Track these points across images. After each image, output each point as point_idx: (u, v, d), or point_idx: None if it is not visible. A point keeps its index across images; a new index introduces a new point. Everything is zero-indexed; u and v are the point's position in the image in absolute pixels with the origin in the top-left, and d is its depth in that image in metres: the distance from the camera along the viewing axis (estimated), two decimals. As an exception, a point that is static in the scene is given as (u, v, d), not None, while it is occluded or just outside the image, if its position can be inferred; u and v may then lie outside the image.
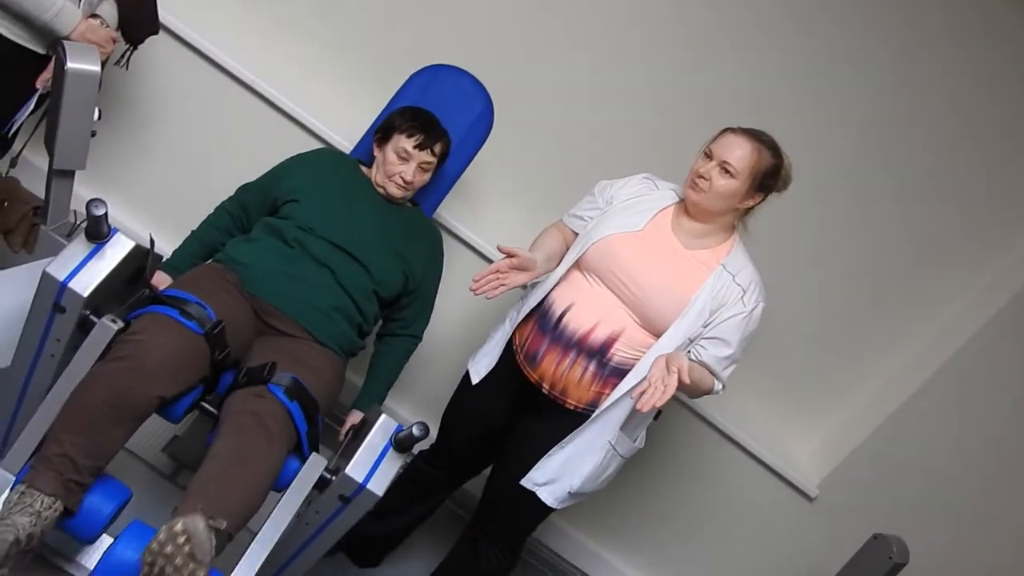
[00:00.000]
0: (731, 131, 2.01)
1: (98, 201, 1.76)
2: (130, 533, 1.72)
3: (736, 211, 2.02)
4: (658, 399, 1.78)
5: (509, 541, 2.29)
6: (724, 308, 1.99)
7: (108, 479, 1.83)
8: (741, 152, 1.96)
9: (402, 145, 2.27)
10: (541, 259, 2.05)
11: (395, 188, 2.30)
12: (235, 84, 2.69)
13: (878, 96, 2.64)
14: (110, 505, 1.80)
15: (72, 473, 1.72)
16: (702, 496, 3.03)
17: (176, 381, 1.85)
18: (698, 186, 1.99)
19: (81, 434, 1.74)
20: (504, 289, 1.98)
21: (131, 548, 1.69)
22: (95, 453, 1.75)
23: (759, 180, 1.98)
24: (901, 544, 2.18)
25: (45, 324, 1.82)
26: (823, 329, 2.90)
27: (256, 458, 1.81)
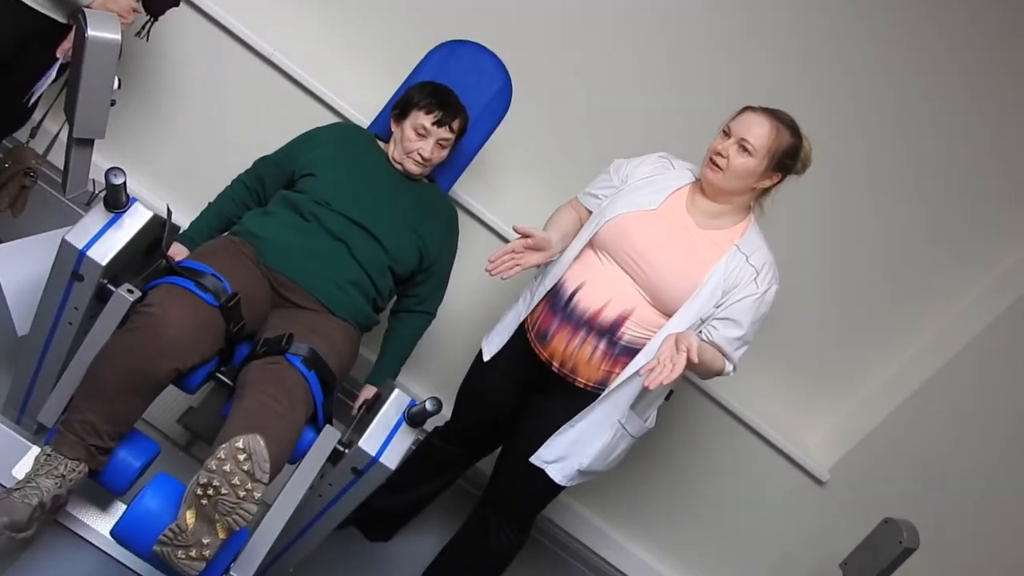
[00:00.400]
0: (751, 109, 1.99)
1: (117, 170, 1.76)
2: (156, 484, 1.74)
3: (752, 191, 2.01)
4: (666, 377, 1.78)
5: (519, 519, 2.30)
6: (737, 289, 1.98)
7: (137, 435, 1.87)
8: (760, 130, 1.94)
9: (420, 121, 2.26)
10: (556, 239, 2.05)
11: (413, 165, 2.29)
12: (254, 57, 2.69)
13: (897, 82, 2.62)
14: (139, 459, 1.84)
15: (95, 439, 1.75)
16: (712, 478, 3.04)
17: (191, 353, 1.86)
18: (715, 164, 1.98)
19: (100, 403, 1.76)
20: (519, 269, 1.99)
21: (156, 498, 1.71)
22: (115, 420, 1.78)
23: (777, 159, 1.96)
24: (912, 529, 2.17)
25: (63, 292, 1.83)
26: (837, 315, 2.88)
27: (281, 413, 1.82)
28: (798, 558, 3.04)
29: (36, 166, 2.29)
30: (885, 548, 2.20)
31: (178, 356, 1.83)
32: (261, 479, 1.57)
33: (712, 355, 1.98)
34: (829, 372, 2.96)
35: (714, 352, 1.99)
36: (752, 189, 2.00)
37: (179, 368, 1.84)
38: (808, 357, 2.94)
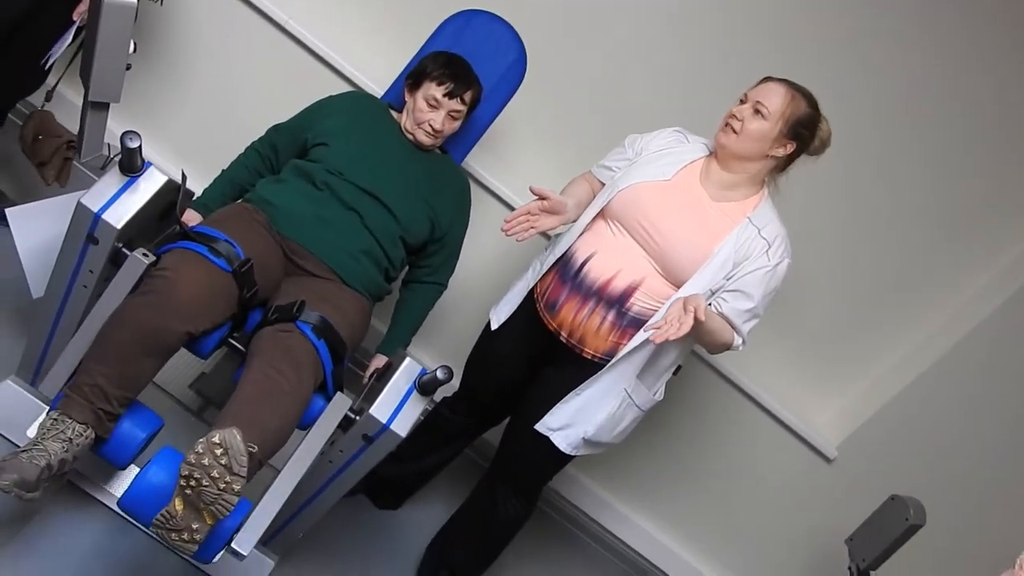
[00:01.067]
0: (771, 78, 2.00)
1: (132, 134, 1.77)
2: (161, 457, 1.76)
3: (766, 160, 1.99)
4: (672, 333, 1.79)
5: (525, 490, 2.32)
6: (748, 261, 1.97)
7: (141, 407, 1.87)
8: (775, 96, 1.95)
9: (432, 93, 2.25)
10: (571, 205, 2.06)
11: (424, 136, 2.29)
12: (269, 25, 2.68)
13: (915, 61, 2.59)
14: (143, 432, 1.85)
15: (103, 403, 1.76)
16: (720, 453, 3.04)
17: (204, 318, 1.87)
18: (729, 127, 1.98)
19: (111, 366, 1.77)
20: (534, 232, 2.00)
21: (162, 471, 1.73)
22: (125, 384, 1.79)
23: (792, 126, 1.95)
24: (918, 506, 2.17)
25: (78, 255, 1.84)
26: (849, 293, 2.87)
27: (286, 389, 1.83)
28: (804, 534, 3.05)
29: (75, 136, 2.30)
30: (891, 525, 2.20)
31: (190, 319, 1.84)
32: (239, 472, 1.59)
33: (720, 324, 1.98)
34: (839, 350, 2.96)
35: (722, 323, 1.98)
36: (766, 156, 1.99)
37: (191, 332, 1.85)
38: (819, 335, 2.93)
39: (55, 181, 2.33)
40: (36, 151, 2.30)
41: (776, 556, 3.10)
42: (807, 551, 3.04)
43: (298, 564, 2.25)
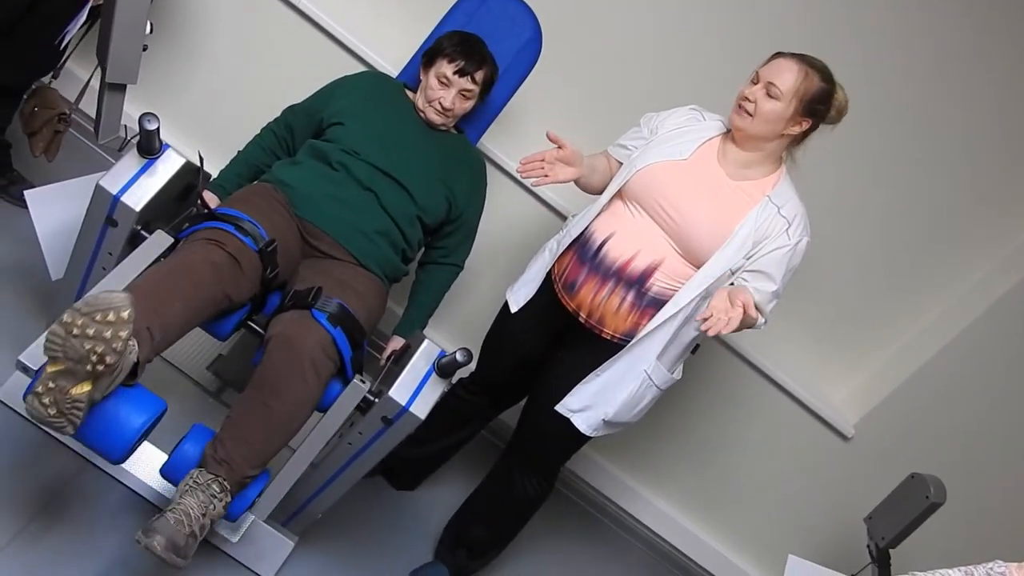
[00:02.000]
0: (780, 54, 1.97)
1: (150, 115, 1.77)
2: (194, 433, 1.84)
3: (783, 138, 1.98)
4: (721, 328, 1.77)
5: (543, 470, 2.32)
6: (768, 240, 1.96)
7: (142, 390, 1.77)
8: (788, 74, 1.92)
9: (443, 71, 2.24)
10: (586, 162, 2.06)
11: (434, 114, 2.28)
12: (283, 5, 2.67)
13: (939, 35, 2.56)
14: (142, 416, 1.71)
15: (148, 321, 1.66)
16: (736, 432, 3.04)
17: (236, 286, 1.89)
18: (743, 109, 1.95)
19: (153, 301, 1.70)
20: (548, 180, 2.00)
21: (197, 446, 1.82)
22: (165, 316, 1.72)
23: (806, 104, 1.93)
24: (939, 484, 2.16)
25: (97, 237, 1.85)
26: (866, 268, 2.86)
27: (288, 406, 1.86)
28: (822, 512, 3.05)
29: (69, 111, 2.29)
30: (911, 503, 2.19)
31: (226, 282, 1.85)
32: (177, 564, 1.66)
33: None
34: (856, 327, 2.94)
35: None
36: (782, 135, 1.97)
37: (228, 296, 1.87)
38: (835, 312, 2.92)
39: (43, 153, 2.29)
40: (29, 122, 2.29)
41: (793, 534, 3.10)
42: (825, 529, 3.04)
43: (317, 544, 2.26)
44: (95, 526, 1.97)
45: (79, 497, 2.00)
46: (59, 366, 1.51)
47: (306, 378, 1.87)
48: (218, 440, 1.81)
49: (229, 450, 1.80)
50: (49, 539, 1.89)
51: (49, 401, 1.52)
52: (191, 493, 1.72)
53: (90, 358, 1.49)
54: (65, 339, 1.48)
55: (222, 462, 1.78)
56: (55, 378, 1.52)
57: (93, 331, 1.48)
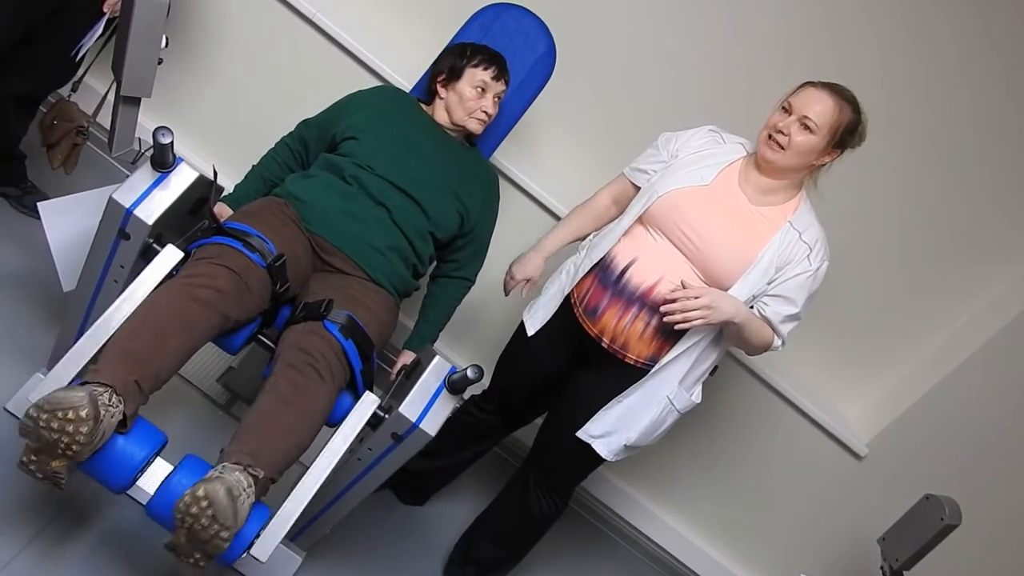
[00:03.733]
0: (811, 85, 1.95)
1: (164, 129, 1.77)
2: (186, 465, 1.72)
3: (811, 168, 1.98)
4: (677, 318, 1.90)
5: (559, 488, 2.30)
6: (790, 266, 1.95)
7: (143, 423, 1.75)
8: (822, 107, 1.90)
9: (480, 78, 2.25)
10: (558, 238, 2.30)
11: (476, 124, 2.29)
12: (298, 19, 2.68)
13: (956, 51, 2.54)
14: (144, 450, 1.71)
15: (136, 375, 1.67)
16: (748, 450, 3.02)
17: (241, 305, 1.88)
18: (776, 142, 1.93)
19: (147, 341, 1.72)
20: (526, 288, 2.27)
21: (186, 479, 1.69)
22: (158, 362, 1.72)
23: (838, 136, 1.92)
24: (954, 505, 2.13)
25: (110, 250, 1.84)
26: (882, 287, 2.84)
27: (305, 403, 1.83)
28: (834, 532, 3.02)
29: (87, 124, 2.30)
30: (925, 524, 2.16)
31: (229, 304, 1.84)
32: (225, 523, 1.58)
33: (759, 326, 1.97)
34: (870, 344, 2.92)
35: (761, 324, 1.98)
36: (810, 166, 1.97)
37: (228, 316, 1.85)
38: (850, 329, 2.90)
39: (61, 166, 2.32)
40: (48, 135, 2.31)
41: (805, 554, 3.08)
42: (837, 549, 3.01)
43: (325, 560, 2.25)
44: (106, 537, 1.97)
45: (90, 507, 2.00)
46: (35, 445, 1.57)
47: (322, 377, 1.86)
48: (237, 439, 1.74)
49: (253, 446, 1.72)
50: (61, 548, 1.89)
51: (35, 468, 1.60)
52: (219, 480, 1.62)
53: (58, 445, 1.55)
54: (34, 429, 1.55)
55: (248, 454, 1.70)
56: (35, 452, 1.58)
57: (56, 425, 1.53)
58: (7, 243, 2.39)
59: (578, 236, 2.27)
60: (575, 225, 2.29)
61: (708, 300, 1.89)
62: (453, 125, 2.31)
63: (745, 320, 1.93)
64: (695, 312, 1.89)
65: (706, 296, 1.89)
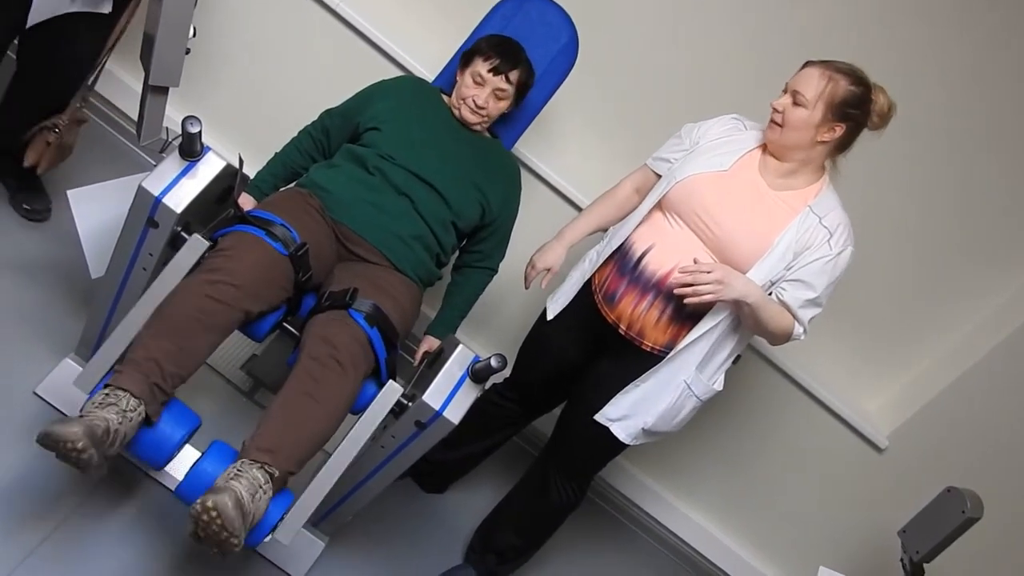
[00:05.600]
0: (810, 63, 1.96)
1: (193, 119, 1.78)
2: (213, 451, 1.81)
3: (820, 145, 1.95)
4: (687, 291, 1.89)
5: (579, 476, 2.31)
6: (809, 251, 1.95)
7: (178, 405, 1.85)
8: (811, 80, 1.91)
9: (477, 69, 2.26)
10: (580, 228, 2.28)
11: (467, 112, 2.29)
12: (323, 10, 2.69)
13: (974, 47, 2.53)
14: (180, 431, 1.82)
15: (157, 378, 1.75)
16: (768, 442, 3.02)
17: (261, 298, 1.90)
18: (773, 121, 1.96)
19: (169, 340, 1.77)
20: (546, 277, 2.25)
21: (212, 465, 1.77)
22: (181, 360, 1.79)
23: (836, 109, 1.91)
24: (976, 499, 2.12)
25: (139, 238, 1.87)
26: (903, 279, 2.82)
27: (326, 397, 1.85)
28: (854, 524, 3.02)
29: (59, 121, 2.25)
30: (947, 517, 2.15)
31: (249, 299, 1.86)
32: (233, 532, 1.62)
33: (777, 311, 1.96)
34: (891, 335, 2.91)
35: (779, 309, 1.96)
36: (816, 143, 1.95)
37: (249, 311, 1.87)
38: (870, 319, 2.88)
39: (33, 164, 2.27)
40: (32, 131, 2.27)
41: (825, 546, 3.07)
42: (857, 542, 3.01)
43: (348, 545, 2.28)
44: (131, 524, 2.00)
45: (115, 494, 2.03)
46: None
47: (345, 370, 1.88)
48: (258, 434, 1.79)
49: (273, 440, 1.77)
50: (89, 534, 1.92)
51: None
52: (237, 480, 1.69)
53: (70, 462, 1.62)
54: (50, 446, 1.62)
55: (266, 451, 1.75)
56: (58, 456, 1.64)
57: (61, 450, 1.60)
58: (37, 230, 2.42)
59: (601, 226, 2.28)
60: (597, 215, 2.29)
61: (719, 275, 1.88)
62: (452, 108, 2.32)
63: (758, 302, 1.91)
64: (706, 287, 1.88)
65: (717, 271, 1.89)
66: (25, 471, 1.92)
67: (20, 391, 2.05)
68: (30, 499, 1.89)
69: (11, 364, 2.09)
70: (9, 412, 2.00)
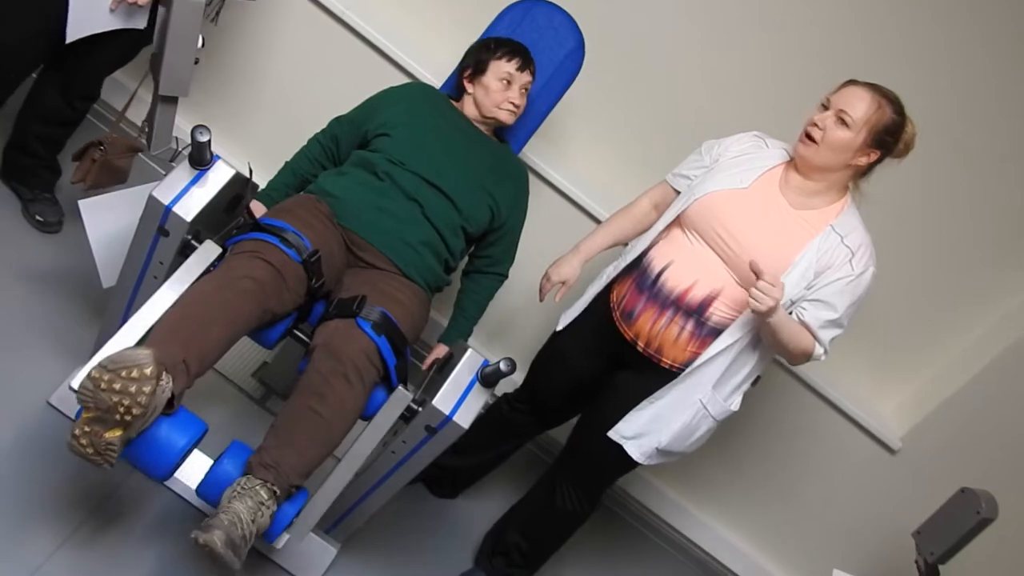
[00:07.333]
0: (853, 82, 1.93)
1: (202, 128, 1.80)
2: (232, 451, 1.82)
3: (849, 169, 1.93)
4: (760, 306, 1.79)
5: (587, 488, 2.29)
6: (830, 271, 1.92)
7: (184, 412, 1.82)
8: (859, 102, 1.88)
9: (505, 69, 2.27)
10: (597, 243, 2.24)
11: (506, 115, 2.31)
12: (330, 18, 2.70)
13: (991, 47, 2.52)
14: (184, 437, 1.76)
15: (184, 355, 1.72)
16: (780, 444, 3.00)
17: (278, 299, 1.91)
18: (811, 136, 1.91)
19: (191, 327, 1.76)
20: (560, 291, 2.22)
21: (233, 464, 1.79)
22: (202, 347, 1.77)
23: (876, 135, 1.89)
24: (990, 499, 2.11)
25: (149, 246, 1.88)
26: (917, 281, 2.81)
27: (332, 412, 1.87)
28: (868, 526, 3.00)
29: (105, 138, 2.30)
30: (961, 518, 2.14)
31: (268, 298, 1.88)
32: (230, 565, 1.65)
33: (796, 329, 1.92)
34: (904, 338, 2.90)
35: (799, 328, 1.93)
36: (848, 166, 1.93)
37: (267, 309, 1.89)
38: (883, 320, 2.86)
39: (80, 180, 2.30)
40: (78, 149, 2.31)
41: (839, 548, 3.06)
42: (871, 544, 2.99)
43: (360, 550, 2.28)
44: (144, 531, 2.01)
45: (128, 502, 2.03)
46: (91, 413, 1.60)
47: (351, 383, 1.89)
48: (264, 448, 1.82)
49: (276, 456, 1.80)
50: (99, 544, 1.92)
51: (86, 443, 1.62)
52: (239, 499, 1.72)
53: (118, 409, 1.58)
54: (94, 392, 1.57)
55: (269, 467, 1.78)
56: (89, 423, 1.61)
57: (119, 386, 1.56)
58: (50, 241, 2.44)
59: (618, 241, 2.25)
60: (615, 230, 2.26)
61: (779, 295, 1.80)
62: (483, 118, 2.32)
63: (780, 319, 1.87)
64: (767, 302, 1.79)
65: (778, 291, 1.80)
66: (38, 480, 1.93)
67: (33, 401, 2.06)
68: (43, 507, 1.90)
69: (24, 374, 2.10)
70: (23, 422, 2.01)
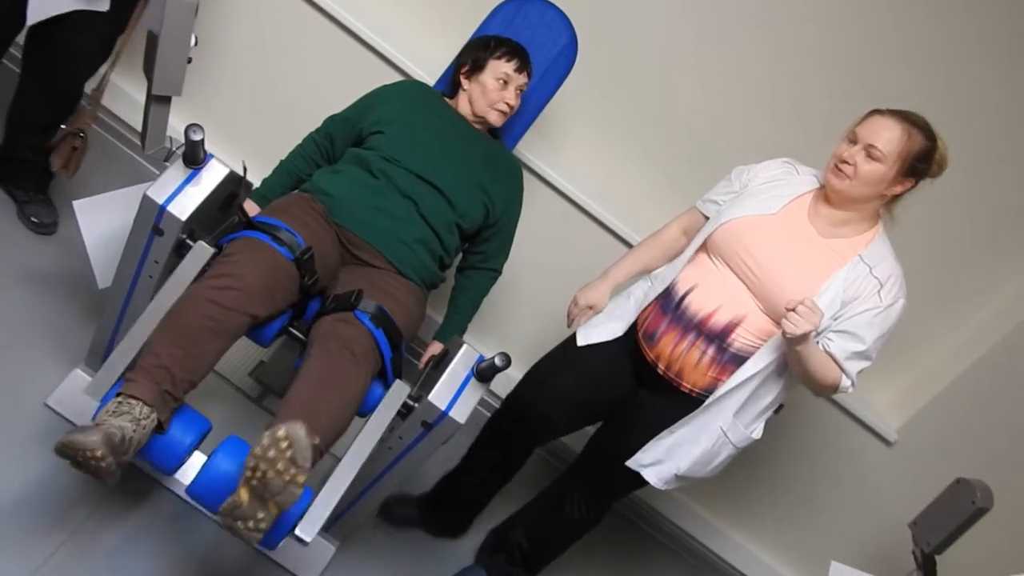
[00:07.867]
0: (878, 112, 1.89)
1: (195, 127, 1.80)
2: (227, 446, 1.80)
3: (882, 198, 1.92)
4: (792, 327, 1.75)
5: (596, 500, 2.28)
6: (857, 301, 1.89)
7: (189, 410, 1.86)
8: (889, 134, 1.85)
9: (503, 70, 2.28)
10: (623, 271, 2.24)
11: (497, 116, 2.31)
12: (323, 17, 2.70)
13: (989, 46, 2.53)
14: (190, 436, 1.83)
15: (168, 385, 1.76)
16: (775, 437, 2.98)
17: (269, 302, 1.91)
18: (842, 172, 1.88)
19: (179, 347, 1.78)
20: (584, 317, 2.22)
21: (228, 460, 1.76)
22: (190, 366, 1.79)
23: (909, 164, 1.86)
24: (985, 489, 2.11)
25: (144, 246, 1.88)
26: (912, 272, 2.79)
27: (343, 380, 1.86)
28: (864, 518, 3.01)
29: (87, 127, 2.31)
30: (957, 508, 2.15)
31: (256, 303, 1.87)
32: (303, 465, 1.60)
33: (823, 360, 1.89)
34: (899, 330, 2.87)
35: (825, 359, 1.89)
36: (881, 196, 1.91)
37: (256, 315, 1.88)
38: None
39: (62, 168, 2.32)
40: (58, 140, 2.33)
41: (836, 540, 3.07)
42: (868, 535, 3.00)
43: (358, 549, 2.28)
44: (144, 531, 2.01)
45: (128, 502, 2.04)
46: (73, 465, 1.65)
47: (357, 360, 1.89)
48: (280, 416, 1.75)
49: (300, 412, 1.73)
50: (99, 544, 1.93)
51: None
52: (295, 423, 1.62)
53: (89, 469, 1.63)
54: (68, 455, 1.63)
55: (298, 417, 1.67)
56: None
57: (80, 459, 1.61)
58: (45, 242, 2.44)
59: (647, 268, 2.22)
60: (643, 256, 2.25)
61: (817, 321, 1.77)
62: (475, 117, 2.33)
63: (807, 348, 1.83)
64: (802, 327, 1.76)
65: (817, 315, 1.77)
66: (37, 481, 1.93)
67: (30, 402, 2.07)
68: (42, 508, 1.90)
69: (21, 376, 2.10)
70: (20, 423, 2.01)
